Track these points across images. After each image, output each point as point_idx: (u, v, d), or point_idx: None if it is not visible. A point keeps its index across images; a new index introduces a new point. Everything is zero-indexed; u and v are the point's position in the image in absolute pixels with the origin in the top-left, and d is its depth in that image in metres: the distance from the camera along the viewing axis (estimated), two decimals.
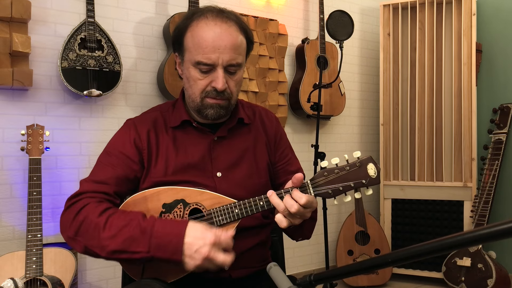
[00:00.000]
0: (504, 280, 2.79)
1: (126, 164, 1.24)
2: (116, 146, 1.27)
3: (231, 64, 1.22)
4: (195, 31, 1.22)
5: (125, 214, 1.13)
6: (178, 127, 1.31)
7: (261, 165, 1.34)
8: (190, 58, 1.23)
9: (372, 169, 1.12)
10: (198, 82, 1.23)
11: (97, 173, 1.24)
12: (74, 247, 1.15)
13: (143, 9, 2.60)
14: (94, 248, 1.10)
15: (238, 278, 1.27)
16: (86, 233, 1.12)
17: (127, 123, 1.33)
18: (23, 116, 2.25)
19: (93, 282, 2.42)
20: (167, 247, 1.06)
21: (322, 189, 1.13)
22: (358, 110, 3.56)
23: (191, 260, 1.06)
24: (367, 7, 3.61)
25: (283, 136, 1.43)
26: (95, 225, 1.10)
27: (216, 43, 1.19)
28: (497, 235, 0.52)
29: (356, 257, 3.11)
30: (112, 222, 1.10)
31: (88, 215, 1.12)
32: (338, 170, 1.13)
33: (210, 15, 1.23)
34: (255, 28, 2.91)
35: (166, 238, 1.06)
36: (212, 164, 1.28)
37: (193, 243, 1.05)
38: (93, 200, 1.16)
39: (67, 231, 1.15)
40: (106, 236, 1.09)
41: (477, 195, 2.98)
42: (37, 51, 2.28)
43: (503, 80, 3.22)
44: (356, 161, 1.13)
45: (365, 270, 0.69)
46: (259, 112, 1.42)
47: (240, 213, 1.15)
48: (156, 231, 1.07)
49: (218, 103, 1.24)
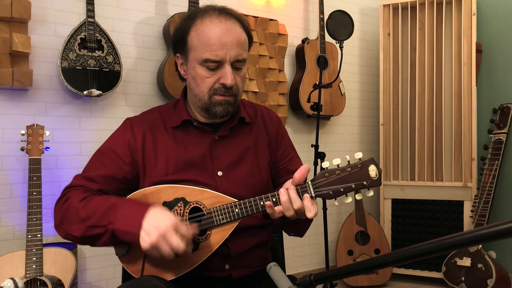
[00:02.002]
0: (504, 280, 2.79)
1: (116, 164, 1.26)
2: (110, 145, 1.30)
3: (238, 60, 1.24)
4: (200, 29, 1.23)
5: (102, 197, 1.20)
6: (179, 127, 1.31)
7: (262, 164, 1.34)
8: (196, 56, 1.23)
9: (374, 170, 1.12)
10: (206, 80, 1.24)
11: (88, 169, 1.29)
12: (59, 233, 1.22)
13: (143, 9, 2.60)
14: (72, 232, 1.17)
15: (238, 278, 1.28)
16: (68, 218, 1.19)
17: (125, 123, 1.34)
18: (23, 116, 2.25)
19: (93, 282, 2.42)
20: (130, 219, 1.10)
21: (323, 190, 1.13)
22: (358, 110, 3.56)
23: (146, 236, 1.08)
24: (367, 7, 3.61)
25: (284, 135, 1.43)
26: (75, 209, 1.17)
27: (222, 39, 1.21)
28: (497, 235, 0.52)
29: (356, 257, 3.11)
30: (90, 204, 1.17)
31: (72, 203, 1.19)
32: (340, 171, 1.12)
33: (213, 13, 1.25)
34: (255, 28, 2.91)
35: (131, 210, 1.12)
36: (213, 163, 1.29)
37: (154, 218, 1.09)
38: (77, 191, 1.23)
39: (55, 220, 1.23)
40: (82, 216, 1.15)
41: (477, 195, 2.98)
42: (37, 51, 2.27)
43: (503, 80, 3.22)
44: (357, 162, 1.13)
45: (365, 270, 0.69)
46: (260, 112, 1.42)
47: (240, 212, 1.16)
48: (123, 205, 1.14)
49: (226, 99, 1.25)
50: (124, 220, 1.11)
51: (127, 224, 1.10)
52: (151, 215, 1.10)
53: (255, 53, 2.88)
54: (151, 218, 1.09)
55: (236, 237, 1.23)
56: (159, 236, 1.06)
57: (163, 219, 1.08)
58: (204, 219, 1.17)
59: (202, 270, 1.22)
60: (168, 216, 1.09)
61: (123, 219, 1.11)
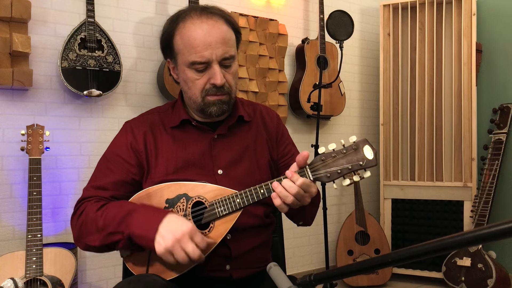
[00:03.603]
0: (504, 280, 2.79)
1: (124, 168, 1.27)
2: (114, 151, 1.30)
3: (225, 58, 1.23)
4: (183, 33, 1.23)
5: (118, 204, 1.20)
6: (178, 127, 1.31)
7: (262, 162, 1.35)
8: (184, 60, 1.24)
9: (369, 150, 1.13)
10: (196, 82, 1.24)
11: (97, 178, 1.28)
12: (79, 247, 1.23)
13: (143, 9, 2.60)
14: (92, 242, 1.18)
15: (239, 279, 1.27)
16: (86, 231, 1.19)
17: (124, 126, 1.35)
18: (23, 116, 2.25)
19: (93, 282, 2.42)
20: (146, 223, 1.11)
21: (321, 173, 1.14)
22: (358, 110, 3.56)
23: (162, 240, 1.09)
24: (367, 7, 3.61)
25: (284, 133, 1.43)
26: (92, 220, 1.18)
27: (206, 40, 1.20)
28: (497, 235, 0.52)
29: (356, 257, 3.11)
30: (106, 213, 1.17)
31: (88, 215, 1.20)
32: (335, 154, 1.14)
33: (194, 14, 1.24)
34: (255, 28, 2.91)
35: (148, 215, 1.13)
36: (213, 161, 1.29)
37: (171, 224, 1.10)
38: (90, 203, 1.23)
39: (74, 235, 1.24)
40: (101, 225, 1.16)
41: (477, 195, 2.98)
42: (37, 51, 2.27)
43: (503, 80, 3.22)
44: (352, 144, 1.14)
45: (365, 270, 0.69)
46: (259, 110, 1.43)
47: (242, 202, 1.16)
48: (140, 210, 1.15)
49: (219, 99, 1.25)
50: (140, 225, 1.12)
51: (143, 228, 1.11)
52: (168, 221, 1.11)
53: (255, 53, 2.88)
54: (168, 223, 1.10)
55: (237, 238, 1.23)
56: (174, 240, 1.07)
57: (180, 225, 1.09)
58: (207, 212, 1.18)
59: (202, 271, 1.23)
60: (186, 223, 1.10)
61: (140, 224, 1.12)
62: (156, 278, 1.12)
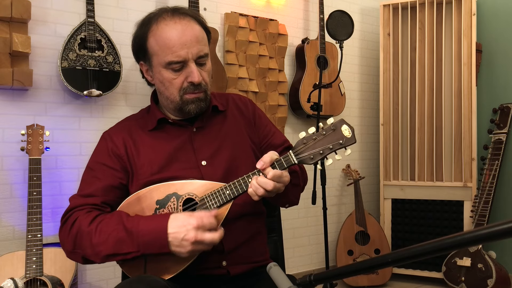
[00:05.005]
0: (504, 280, 2.79)
1: (109, 173, 1.28)
2: (96, 160, 1.32)
3: (200, 56, 1.26)
4: (157, 34, 1.25)
5: (112, 218, 1.18)
6: (156, 128, 1.34)
7: (243, 147, 1.37)
8: (160, 61, 1.25)
9: (347, 129, 1.17)
10: (173, 81, 1.27)
11: (83, 188, 1.28)
12: (74, 259, 1.22)
13: (143, 9, 2.59)
14: (90, 257, 1.17)
15: (236, 275, 1.27)
16: (81, 243, 1.18)
17: (102, 136, 1.38)
18: (23, 116, 2.25)
19: (93, 282, 2.42)
20: (154, 243, 1.12)
21: (304, 155, 1.17)
22: (358, 110, 3.56)
23: (181, 249, 1.11)
24: (367, 7, 3.61)
25: (261, 115, 1.47)
26: (87, 233, 1.16)
27: (182, 39, 1.23)
28: (497, 235, 0.52)
29: (356, 257, 3.11)
30: (102, 228, 1.16)
31: (81, 226, 1.18)
32: (316, 136, 1.18)
33: (166, 16, 1.27)
34: (255, 28, 2.91)
35: (151, 235, 1.12)
36: (196, 154, 1.31)
37: (178, 232, 1.11)
38: (82, 212, 1.21)
39: (66, 246, 1.22)
40: (97, 242, 1.14)
41: (477, 195, 2.98)
42: (37, 51, 2.27)
43: (503, 80, 3.22)
44: (330, 125, 1.18)
45: (365, 270, 0.69)
46: (232, 99, 1.46)
47: (231, 192, 1.18)
48: (141, 230, 1.13)
49: (197, 96, 1.28)
50: (151, 245, 1.13)
51: (155, 247, 1.13)
52: (173, 228, 1.12)
53: (255, 53, 2.88)
54: (174, 231, 1.12)
55: (229, 230, 1.22)
56: (192, 245, 1.10)
57: (185, 227, 1.11)
58: (198, 207, 1.20)
59: (199, 268, 1.23)
60: (189, 220, 1.11)
61: (149, 245, 1.13)
62: (157, 278, 1.12)
